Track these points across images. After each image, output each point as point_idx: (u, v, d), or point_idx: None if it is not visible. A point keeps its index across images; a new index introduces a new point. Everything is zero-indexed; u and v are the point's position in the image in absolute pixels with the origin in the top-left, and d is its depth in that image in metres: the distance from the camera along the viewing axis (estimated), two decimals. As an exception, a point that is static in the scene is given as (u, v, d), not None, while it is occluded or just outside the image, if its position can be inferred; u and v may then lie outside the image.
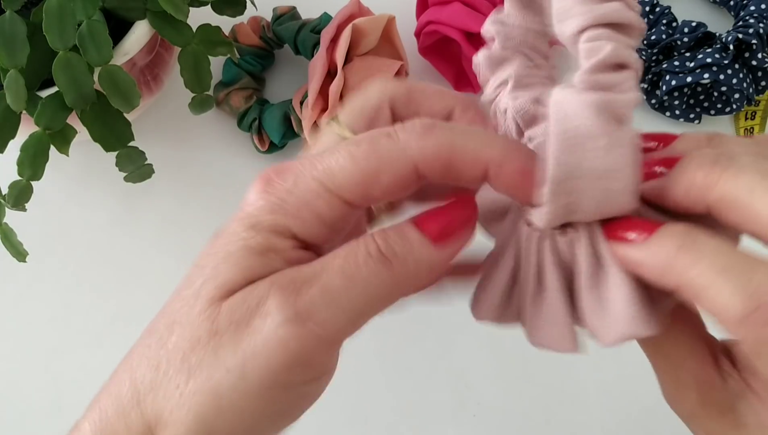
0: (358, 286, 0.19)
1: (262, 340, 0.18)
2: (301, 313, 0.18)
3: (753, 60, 0.46)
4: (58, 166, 0.47)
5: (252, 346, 0.18)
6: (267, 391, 0.18)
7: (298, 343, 0.18)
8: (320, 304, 0.18)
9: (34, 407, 0.45)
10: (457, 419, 0.44)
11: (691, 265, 0.18)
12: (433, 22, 0.46)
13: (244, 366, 0.18)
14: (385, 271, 0.19)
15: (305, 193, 0.20)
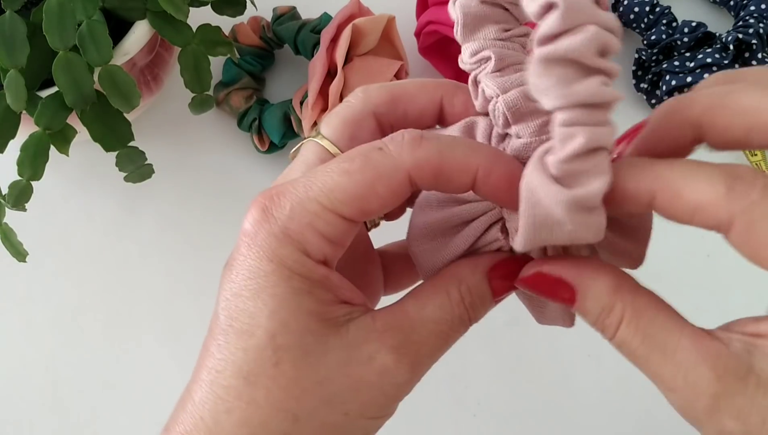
0: (448, 345, 0.22)
1: (380, 393, 0.21)
2: (417, 374, 0.22)
3: (753, 60, 0.46)
4: (58, 166, 0.47)
5: (368, 394, 0.21)
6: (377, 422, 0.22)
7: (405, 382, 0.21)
8: (427, 365, 0.22)
9: (34, 407, 0.45)
10: (457, 419, 0.44)
11: (668, 169, 0.19)
12: (433, 22, 0.46)
13: (364, 407, 0.21)
14: (465, 329, 0.23)
15: (306, 216, 0.20)
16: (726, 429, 0.19)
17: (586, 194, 0.19)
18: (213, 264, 0.47)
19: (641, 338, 0.20)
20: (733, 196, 0.18)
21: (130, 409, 0.44)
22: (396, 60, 0.45)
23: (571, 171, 0.19)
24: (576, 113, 0.19)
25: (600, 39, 0.18)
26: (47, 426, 0.44)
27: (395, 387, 0.21)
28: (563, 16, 0.18)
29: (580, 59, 0.18)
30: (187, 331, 0.46)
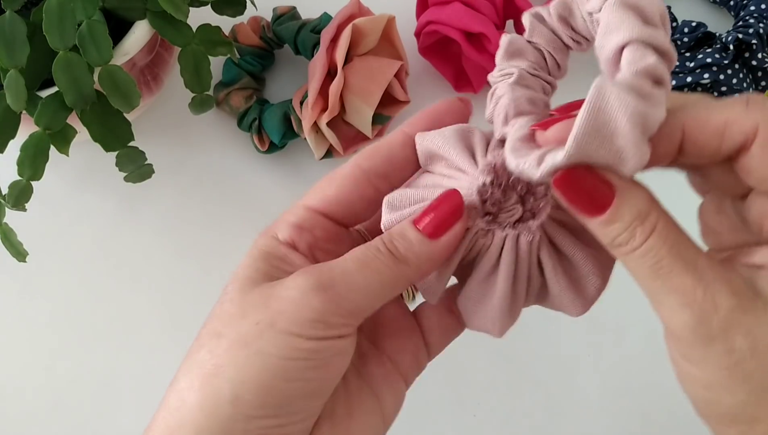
0: (371, 271, 0.23)
1: (289, 301, 0.22)
2: (324, 283, 0.22)
3: (753, 60, 0.46)
4: (58, 166, 0.47)
5: (280, 306, 0.22)
6: (292, 338, 0.22)
7: (321, 304, 0.22)
8: (340, 281, 0.23)
9: (34, 407, 0.45)
10: (457, 419, 0.44)
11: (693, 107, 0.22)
12: (433, 22, 0.46)
13: (272, 319, 0.22)
14: (391, 262, 0.23)
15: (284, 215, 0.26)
16: (735, 346, 0.20)
17: (653, 112, 0.20)
18: (213, 263, 0.47)
19: (669, 247, 0.21)
20: (752, 109, 0.21)
21: (130, 408, 0.44)
22: (396, 60, 0.45)
23: (642, 89, 0.20)
24: (646, 48, 0.20)
25: (661, 9, 0.21)
26: (47, 426, 0.44)
27: (301, 293, 0.22)
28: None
29: (648, 12, 0.20)
30: (187, 330, 0.46)
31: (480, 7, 0.46)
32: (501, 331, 0.25)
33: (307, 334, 0.22)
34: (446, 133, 0.25)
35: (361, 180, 0.25)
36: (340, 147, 0.46)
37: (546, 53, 0.25)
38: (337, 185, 0.25)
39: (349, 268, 0.23)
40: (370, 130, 0.45)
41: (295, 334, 0.22)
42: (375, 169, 0.25)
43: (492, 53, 0.45)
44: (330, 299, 0.22)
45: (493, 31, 0.45)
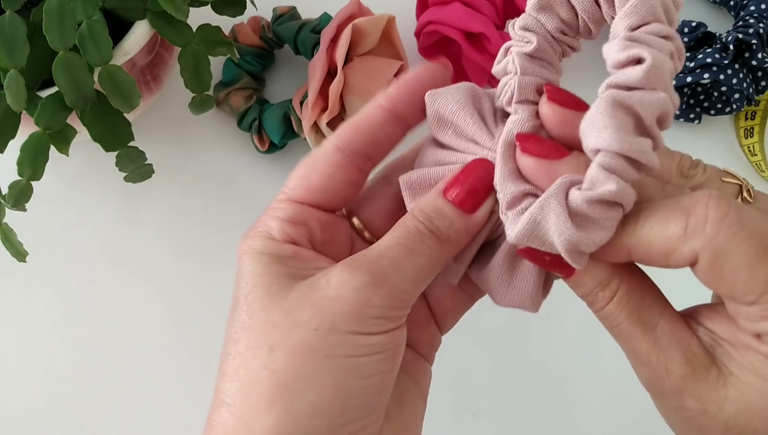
0: (419, 257, 0.22)
1: (346, 301, 0.21)
2: (377, 278, 0.22)
3: (753, 60, 0.46)
4: (58, 166, 0.47)
5: (337, 307, 0.21)
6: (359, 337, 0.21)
7: (380, 299, 0.21)
8: (391, 272, 0.22)
9: (34, 407, 0.45)
10: (457, 419, 0.44)
11: (635, 226, 0.21)
12: (433, 22, 0.46)
13: (333, 322, 0.21)
14: (436, 244, 0.23)
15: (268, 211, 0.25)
16: (686, 405, 0.22)
17: (594, 238, 0.20)
18: (212, 263, 0.47)
19: (628, 313, 0.22)
20: (689, 236, 0.20)
21: (129, 408, 0.44)
22: (396, 60, 0.45)
23: (590, 213, 0.20)
24: (619, 162, 0.20)
25: (665, 107, 0.20)
26: (47, 426, 0.44)
27: (356, 291, 0.21)
28: (648, 72, 0.20)
29: (643, 117, 0.20)
30: (187, 329, 0.46)
31: (480, 7, 0.46)
32: (538, 305, 0.25)
33: (372, 330, 0.21)
34: (458, 95, 0.24)
35: (344, 164, 0.24)
36: (340, 147, 0.46)
37: (581, 18, 0.23)
38: (321, 174, 0.24)
39: (396, 257, 0.22)
40: (370, 130, 0.45)
41: (361, 332, 0.21)
42: (358, 150, 0.24)
43: (492, 53, 0.45)
44: (388, 293, 0.22)
45: (493, 31, 0.45)
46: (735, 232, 0.19)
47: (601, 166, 0.20)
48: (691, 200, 0.20)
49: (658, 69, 0.20)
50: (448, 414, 0.44)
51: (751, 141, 0.49)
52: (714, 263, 0.20)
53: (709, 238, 0.19)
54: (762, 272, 0.19)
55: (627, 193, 0.20)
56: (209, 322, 0.25)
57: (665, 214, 0.20)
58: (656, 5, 0.21)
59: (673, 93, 0.20)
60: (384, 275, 0.22)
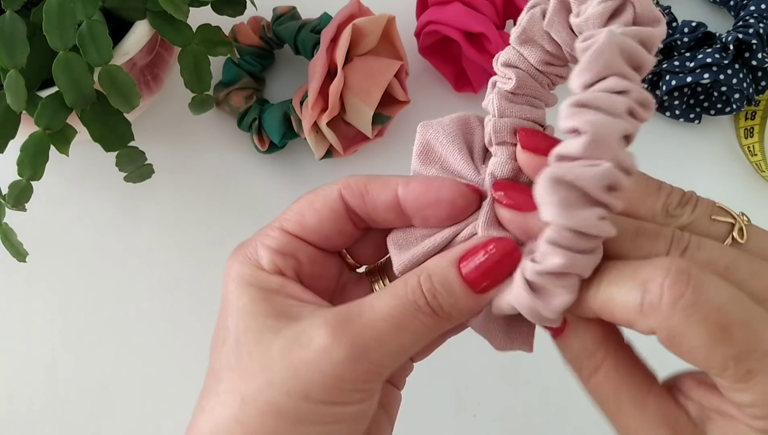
0: (407, 334, 0.21)
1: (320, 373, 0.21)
2: (356, 353, 0.21)
3: (753, 60, 0.46)
4: (58, 166, 0.47)
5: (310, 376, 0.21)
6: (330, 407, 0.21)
7: (355, 375, 0.21)
8: (373, 347, 0.21)
9: (34, 407, 0.45)
10: (457, 419, 0.44)
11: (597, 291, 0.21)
12: (433, 22, 0.46)
13: (305, 390, 0.21)
14: (431, 321, 0.22)
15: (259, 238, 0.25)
16: None
17: (546, 308, 0.20)
18: (213, 264, 0.47)
19: (614, 387, 0.22)
20: (645, 314, 0.19)
21: (129, 409, 0.44)
22: (396, 60, 0.45)
23: (541, 283, 0.20)
24: (564, 236, 0.19)
25: (610, 177, 0.19)
26: (47, 426, 0.44)
27: (332, 365, 0.21)
28: (586, 146, 0.19)
29: (586, 190, 0.19)
30: (186, 330, 0.46)
31: (480, 7, 0.46)
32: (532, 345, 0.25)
33: (344, 401, 0.21)
34: (450, 128, 0.24)
35: (341, 215, 0.24)
36: (340, 147, 0.46)
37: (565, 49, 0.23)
38: (317, 216, 0.24)
39: (383, 331, 0.21)
40: (370, 130, 0.45)
41: (333, 402, 0.21)
42: (357, 208, 0.24)
43: (492, 53, 0.45)
44: (365, 370, 0.21)
45: (493, 31, 0.45)
46: (690, 313, 0.19)
47: (547, 240, 0.20)
48: (648, 273, 0.20)
49: (598, 141, 0.19)
50: (448, 414, 0.44)
51: (751, 141, 0.49)
52: (671, 342, 0.20)
53: (663, 317, 0.19)
54: (720, 352, 0.19)
55: (577, 263, 0.20)
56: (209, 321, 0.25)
57: (624, 283, 0.20)
58: (613, 57, 0.20)
59: (622, 156, 0.19)
60: (365, 351, 0.21)
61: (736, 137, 0.50)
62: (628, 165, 0.19)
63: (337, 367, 0.21)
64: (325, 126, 0.44)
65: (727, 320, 0.19)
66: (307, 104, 0.44)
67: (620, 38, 0.20)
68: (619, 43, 0.20)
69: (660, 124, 0.50)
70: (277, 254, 0.24)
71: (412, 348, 0.22)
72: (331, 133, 0.45)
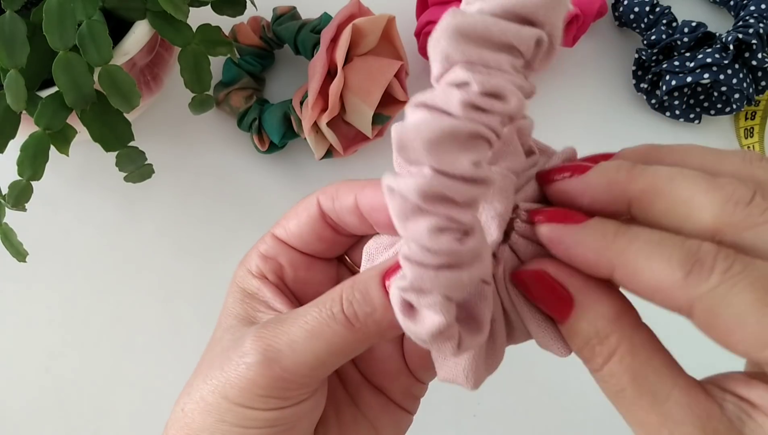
0: (320, 342, 0.21)
1: (237, 375, 0.22)
2: (269, 358, 0.21)
3: (753, 60, 0.46)
4: (58, 166, 0.47)
5: (230, 378, 0.22)
6: (246, 411, 0.21)
7: (265, 380, 0.21)
8: (286, 353, 0.21)
9: (34, 407, 0.45)
10: (457, 419, 0.44)
11: (628, 245, 0.18)
12: (433, 22, 0.46)
13: (225, 391, 0.22)
14: (345, 331, 0.21)
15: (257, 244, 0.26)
16: None
17: (419, 332, 0.18)
18: (213, 264, 0.47)
19: (632, 377, 0.19)
20: (691, 282, 0.17)
21: (129, 409, 0.44)
22: (396, 60, 0.45)
23: (410, 301, 0.18)
24: (412, 249, 0.18)
25: (428, 187, 0.17)
26: (47, 426, 0.44)
27: (246, 368, 0.21)
28: (395, 152, 0.17)
29: (410, 200, 0.17)
30: (186, 330, 0.46)
31: (480, 7, 0.46)
32: (476, 382, 0.22)
33: (260, 407, 0.21)
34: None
35: (318, 220, 0.24)
36: (340, 147, 0.46)
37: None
38: (297, 220, 0.25)
39: (296, 338, 0.21)
40: (370, 130, 0.45)
41: (248, 406, 0.21)
42: (329, 212, 0.24)
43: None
44: (276, 376, 0.21)
45: (493, 31, 0.45)
46: (738, 280, 0.17)
47: (401, 254, 0.18)
48: (700, 246, 0.18)
49: (405, 147, 0.17)
50: (448, 414, 0.44)
51: (751, 141, 0.49)
52: (712, 314, 0.17)
53: (710, 287, 0.17)
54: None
55: (431, 280, 0.17)
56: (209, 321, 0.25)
57: (669, 250, 0.18)
58: (452, 44, 0.17)
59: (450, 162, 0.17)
60: (276, 356, 0.21)
61: (736, 137, 0.50)
62: (462, 172, 0.17)
63: (250, 370, 0.21)
64: (325, 126, 0.44)
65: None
66: (307, 104, 0.44)
67: (462, 18, 0.17)
68: (458, 25, 0.17)
69: (660, 124, 0.50)
70: (261, 258, 0.25)
71: (330, 359, 0.21)
72: (331, 133, 0.45)
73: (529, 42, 0.17)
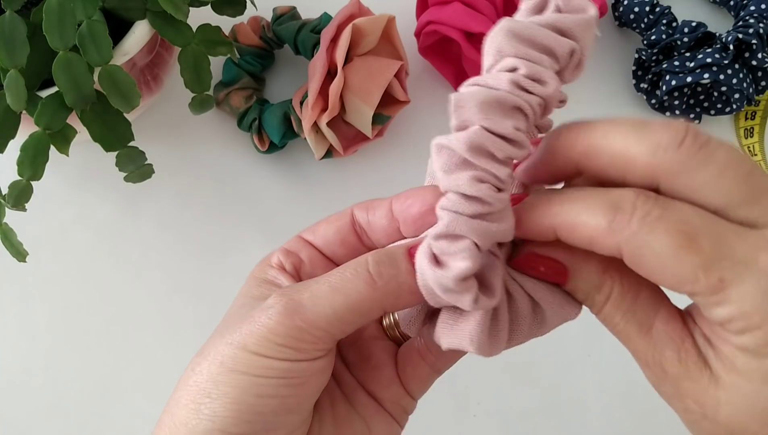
0: (340, 296, 0.22)
1: (258, 324, 0.22)
2: (290, 308, 0.22)
3: (753, 60, 0.46)
4: (58, 166, 0.47)
5: (251, 328, 0.23)
6: (263, 359, 0.22)
7: (285, 329, 0.22)
8: (307, 305, 0.22)
9: (34, 407, 0.45)
10: (457, 419, 0.44)
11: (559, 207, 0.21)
12: (433, 22, 0.46)
13: (243, 341, 0.22)
14: (366, 287, 0.22)
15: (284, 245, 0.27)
16: (689, 409, 0.22)
17: (445, 277, 0.21)
18: (212, 263, 0.47)
19: (623, 313, 0.22)
20: (615, 228, 0.20)
21: (129, 409, 0.44)
22: (396, 60, 0.45)
23: (438, 252, 0.21)
24: (450, 198, 0.21)
25: (477, 139, 0.21)
26: (47, 426, 0.44)
27: (267, 317, 0.22)
28: (452, 112, 0.21)
29: (458, 153, 0.21)
30: (186, 330, 0.46)
31: (480, 7, 0.46)
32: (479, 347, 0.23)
33: (276, 356, 0.22)
34: None
35: (347, 227, 0.26)
36: (340, 147, 0.46)
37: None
38: (326, 225, 0.26)
39: (319, 292, 0.22)
40: (370, 130, 0.45)
41: (264, 355, 0.22)
42: (360, 218, 0.25)
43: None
44: (295, 326, 0.22)
45: (493, 31, 0.45)
46: (656, 226, 0.20)
47: (439, 205, 0.22)
48: (618, 194, 0.20)
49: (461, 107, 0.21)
50: (448, 414, 0.44)
51: (751, 141, 0.49)
52: (637, 256, 0.20)
53: (632, 232, 0.20)
54: (687, 260, 0.19)
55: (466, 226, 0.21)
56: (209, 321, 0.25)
57: (593, 203, 0.21)
58: (504, 41, 0.21)
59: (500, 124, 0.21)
60: (298, 308, 0.22)
61: (736, 137, 0.50)
62: (504, 131, 0.21)
63: (270, 319, 0.22)
64: (325, 126, 0.44)
65: (694, 230, 0.19)
66: (307, 104, 0.44)
67: (514, 23, 0.21)
68: (511, 27, 0.21)
69: (660, 124, 0.50)
70: (284, 252, 0.26)
71: (348, 315, 0.22)
72: (331, 133, 0.45)
73: (565, 49, 0.22)
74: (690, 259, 0.19)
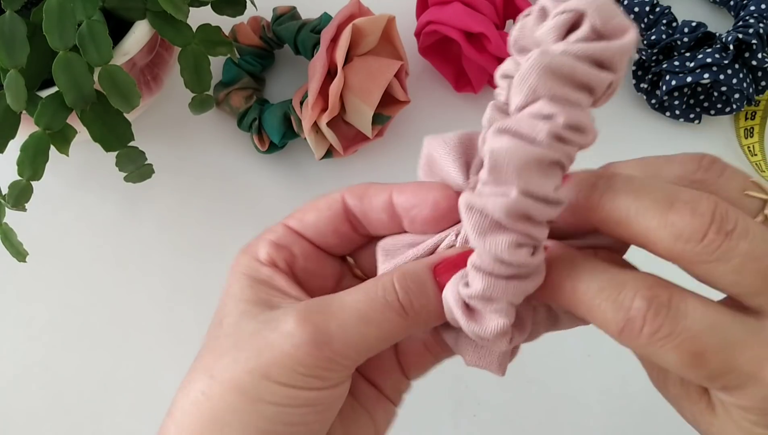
0: (371, 328, 0.22)
1: (282, 353, 0.21)
2: (319, 339, 0.21)
3: (753, 60, 0.46)
4: (58, 166, 0.47)
5: (273, 357, 0.22)
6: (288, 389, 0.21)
7: (314, 361, 0.21)
8: (336, 336, 0.21)
9: (34, 407, 0.45)
10: (457, 419, 0.44)
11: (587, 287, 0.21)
12: (433, 22, 0.46)
13: (266, 370, 0.21)
14: (398, 318, 0.22)
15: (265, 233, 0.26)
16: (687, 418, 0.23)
17: (483, 331, 0.21)
18: (213, 263, 0.47)
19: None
20: (624, 335, 0.20)
21: (129, 409, 0.44)
22: (396, 60, 0.45)
23: (474, 306, 0.21)
24: (484, 260, 0.20)
25: (518, 207, 0.19)
26: (47, 426, 0.44)
27: (293, 347, 0.21)
28: (488, 173, 0.19)
29: (494, 218, 0.19)
30: (186, 330, 0.46)
31: (480, 7, 0.46)
32: (504, 369, 0.24)
33: (301, 386, 0.22)
34: (450, 141, 0.24)
35: (339, 215, 0.25)
36: (340, 147, 0.46)
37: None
38: (316, 213, 0.25)
39: (347, 322, 0.22)
40: (370, 130, 0.45)
41: (289, 385, 0.21)
42: (355, 208, 0.25)
43: (492, 53, 0.45)
44: (324, 357, 0.21)
45: (493, 31, 0.45)
46: (665, 343, 0.20)
47: (471, 264, 0.21)
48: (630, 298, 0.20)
49: (498, 169, 0.19)
50: (448, 414, 0.44)
51: (751, 141, 0.49)
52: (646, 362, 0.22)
53: (640, 345, 0.20)
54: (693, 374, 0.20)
55: (501, 289, 0.20)
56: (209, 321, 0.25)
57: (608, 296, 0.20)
58: (540, 80, 0.19)
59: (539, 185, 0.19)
60: (327, 338, 0.21)
61: (736, 137, 0.50)
62: (545, 194, 0.19)
63: (298, 349, 0.21)
64: (325, 126, 0.44)
65: (702, 348, 0.19)
66: (307, 104, 0.44)
67: (551, 59, 0.19)
68: (548, 64, 0.19)
69: (660, 124, 0.50)
70: (273, 246, 0.25)
71: (377, 344, 0.22)
72: (331, 133, 0.45)
73: (604, 84, 0.20)
74: (696, 372, 0.20)
